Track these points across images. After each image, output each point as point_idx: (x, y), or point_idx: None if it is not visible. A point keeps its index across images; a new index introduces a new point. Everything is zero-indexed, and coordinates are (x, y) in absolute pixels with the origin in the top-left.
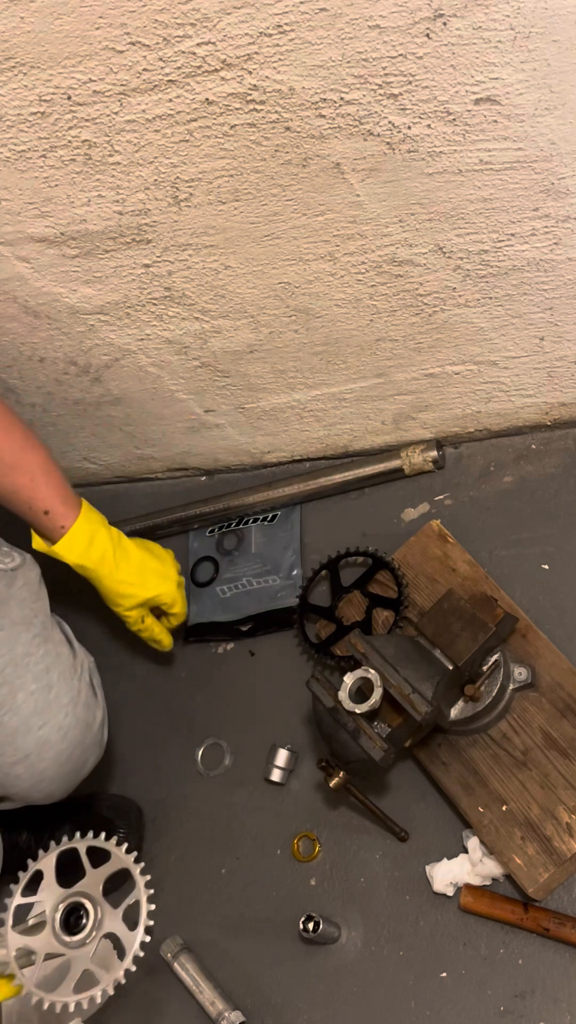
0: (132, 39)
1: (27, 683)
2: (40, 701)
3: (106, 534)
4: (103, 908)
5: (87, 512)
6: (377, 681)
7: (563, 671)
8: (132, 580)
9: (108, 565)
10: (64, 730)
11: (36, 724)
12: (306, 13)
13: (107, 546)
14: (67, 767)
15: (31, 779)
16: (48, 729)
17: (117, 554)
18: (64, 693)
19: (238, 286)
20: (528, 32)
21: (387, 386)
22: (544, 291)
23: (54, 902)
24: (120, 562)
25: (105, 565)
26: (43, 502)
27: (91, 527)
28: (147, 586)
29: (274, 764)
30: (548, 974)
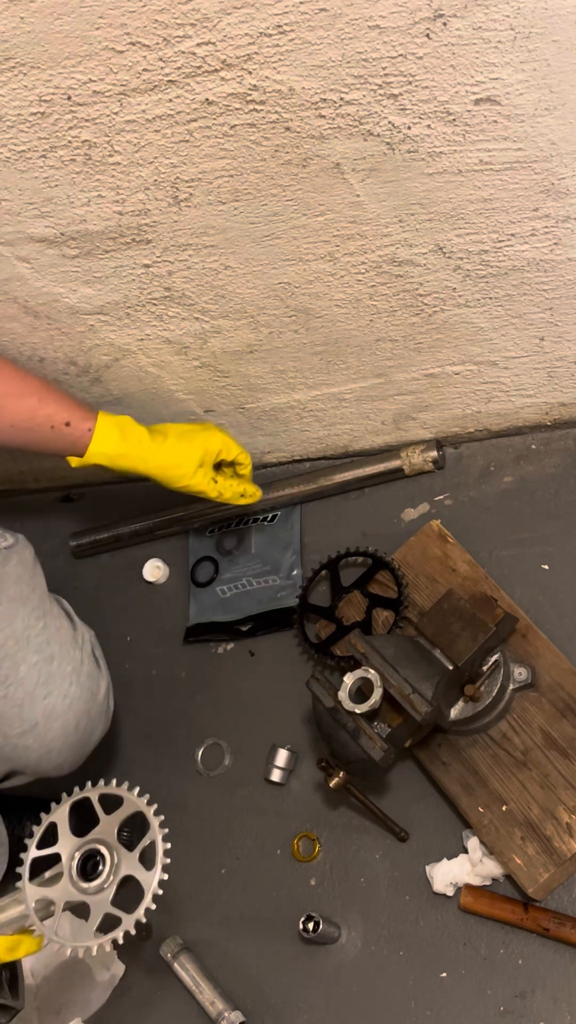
0: (132, 39)
1: (28, 655)
2: (43, 672)
3: (133, 420)
4: (119, 852)
5: (106, 413)
6: (377, 681)
7: (563, 671)
8: (176, 447)
9: (148, 445)
10: (70, 699)
11: (41, 694)
12: (306, 13)
13: (140, 429)
14: (75, 736)
15: (40, 749)
16: (53, 698)
17: (153, 434)
18: (66, 663)
19: (238, 286)
20: (528, 32)
21: (387, 386)
22: (544, 291)
23: (70, 851)
24: (158, 437)
25: (145, 446)
26: (61, 414)
27: (117, 419)
28: (194, 444)
29: (274, 764)
30: (548, 974)
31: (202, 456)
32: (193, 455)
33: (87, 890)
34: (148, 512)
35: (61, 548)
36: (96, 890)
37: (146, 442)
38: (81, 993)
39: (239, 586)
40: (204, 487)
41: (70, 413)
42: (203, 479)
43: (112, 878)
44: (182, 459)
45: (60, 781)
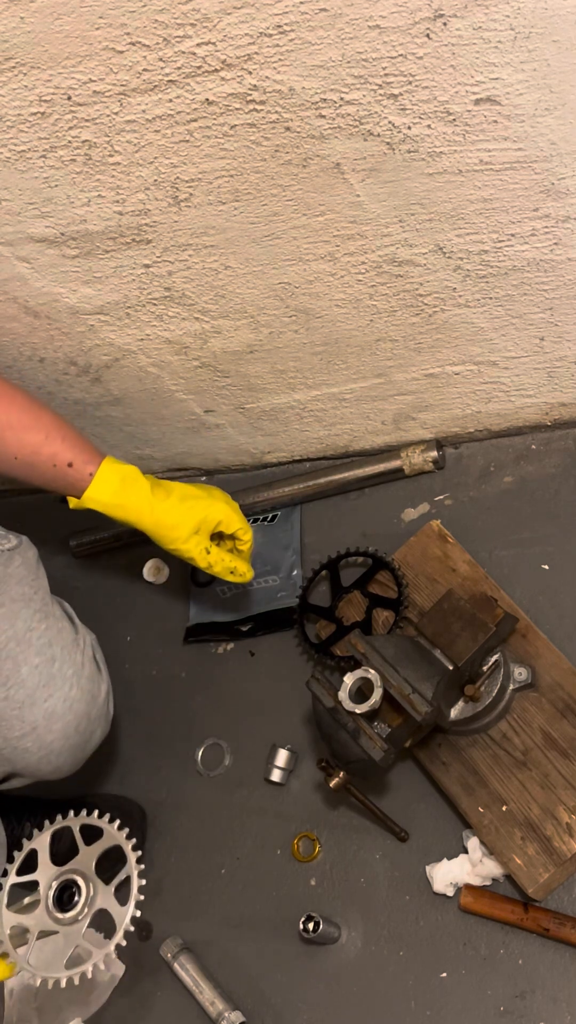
0: (132, 39)
1: (30, 657)
2: (44, 674)
3: (138, 472)
4: (95, 885)
5: (113, 459)
6: (377, 681)
7: (563, 671)
8: (176, 508)
9: (147, 499)
10: (70, 701)
11: (42, 696)
12: (306, 13)
13: (142, 481)
14: (74, 739)
15: (40, 752)
16: (54, 701)
17: (155, 489)
18: (68, 666)
19: (238, 286)
20: (528, 32)
21: (387, 386)
22: (544, 291)
23: (48, 880)
24: (160, 493)
25: (144, 500)
26: (65, 454)
27: (121, 467)
28: (195, 509)
29: (274, 764)
30: (548, 974)
31: (200, 523)
32: (191, 520)
33: (62, 920)
34: None
35: (61, 548)
36: (70, 921)
37: (145, 496)
38: (81, 993)
39: (239, 586)
40: (195, 555)
41: (75, 454)
42: (196, 547)
43: (87, 910)
44: (179, 520)
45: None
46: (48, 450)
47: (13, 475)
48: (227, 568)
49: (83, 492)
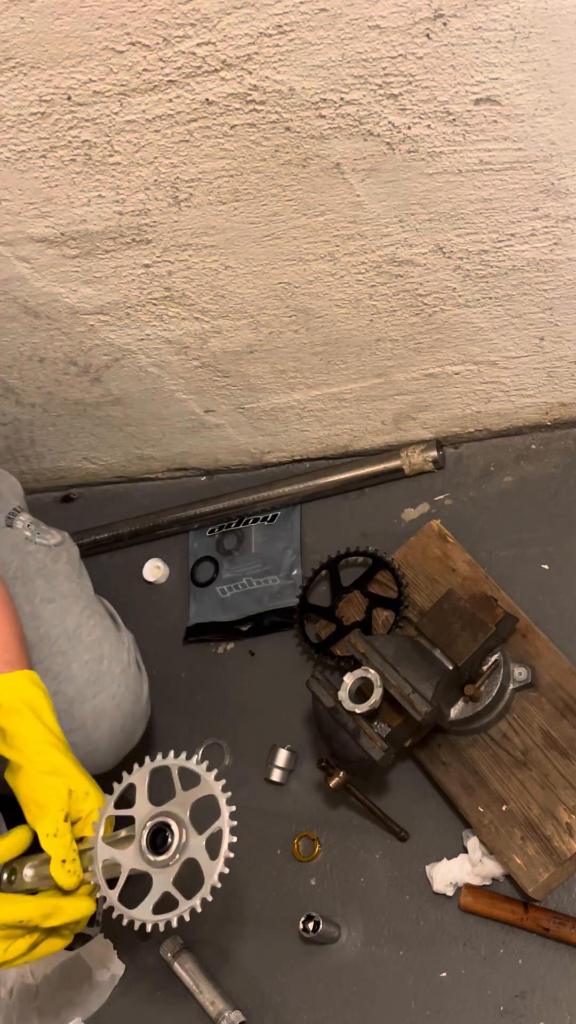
0: (132, 39)
1: (80, 653)
2: (94, 671)
3: (51, 712)
4: (188, 832)
5: (37, 680)
6: (377, 681)
7: (563, 671)
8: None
9: (39, 736)
10: (117, 700)
11: (91, 694)
12: (306, 13)
13: (45, 726)
14: (120, 737)
15: (86, 747)
16: (102, 698)
17: (52, 745)
18: (115, 664)
19: (238, 286)
20: (528, 32)
21: (387, 386)
22: (544, 291)
23: (143, 818)
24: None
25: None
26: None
27: (39, 693)
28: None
29: (274, 764)
30: (548, 974)
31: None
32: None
33: (154, 863)
34: (148, 512)
35: None
36: (162, 865)
37: (38, 734)
38: (81, 993)
39: (239, 586)
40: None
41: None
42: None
43: (179, 856)
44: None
45: None
46: None
47: None
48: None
49: None
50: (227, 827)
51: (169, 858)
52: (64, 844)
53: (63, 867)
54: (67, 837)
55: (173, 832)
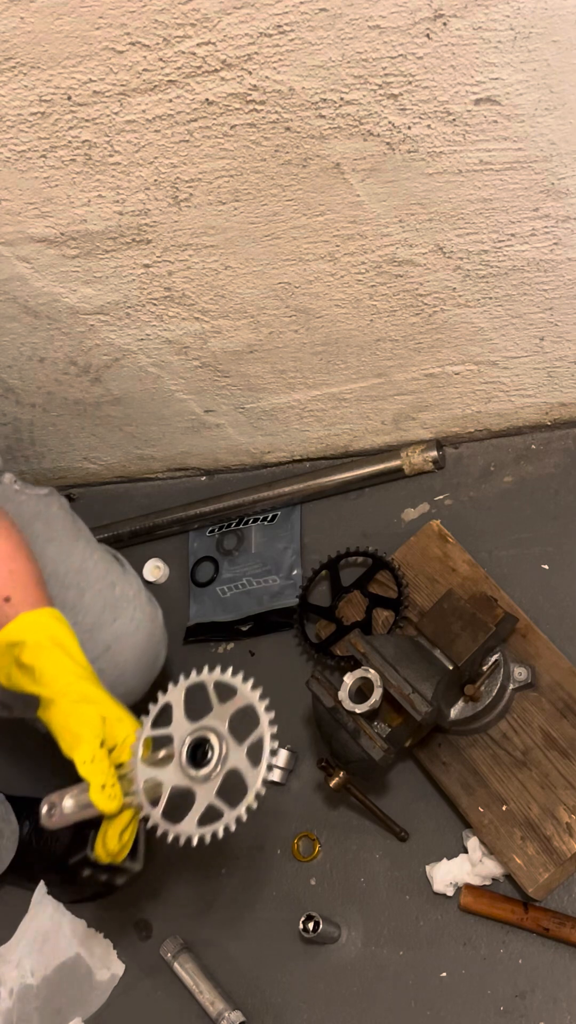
0: (132, 39)
1: (92, 583)
2: (107, 598)
3: (76, 643)
4: (228, 743)
5: (62, 618)
6: (377, 681)
7: (563, 671)
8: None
9: (69, 668)
10: (136, 622)
11: (109, 619)
12: (306, 13)
13: (74, 661)
14: (144, 659)
15: (114, 671)
16: (122, 622)
17: (82, 676)
18: (128, 589)
19: (238, 286)
20: (528, 32)
21: (387, 386)
22: (544, 291)
23: (182, 735)
24: (83, 682)
25: (62, 667)
26: (3, 587)
27: (64, 627)
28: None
29: (274, 764)
30: (548, 974)
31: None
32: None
33: (195, 777)
34: (148, 512)
35: None
36: (204, 778)
37: (66, 668)
38: (81, 993)
39: (239, 586)
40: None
41: (17, 591)
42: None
43: (220, 768)
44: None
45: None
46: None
47: None
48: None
49: (2, 627)
50: (268, 734)
51: (211, 771)
52: (102, 769)
53: (103, 792)
54: (104, 762)
55: (213, 745)
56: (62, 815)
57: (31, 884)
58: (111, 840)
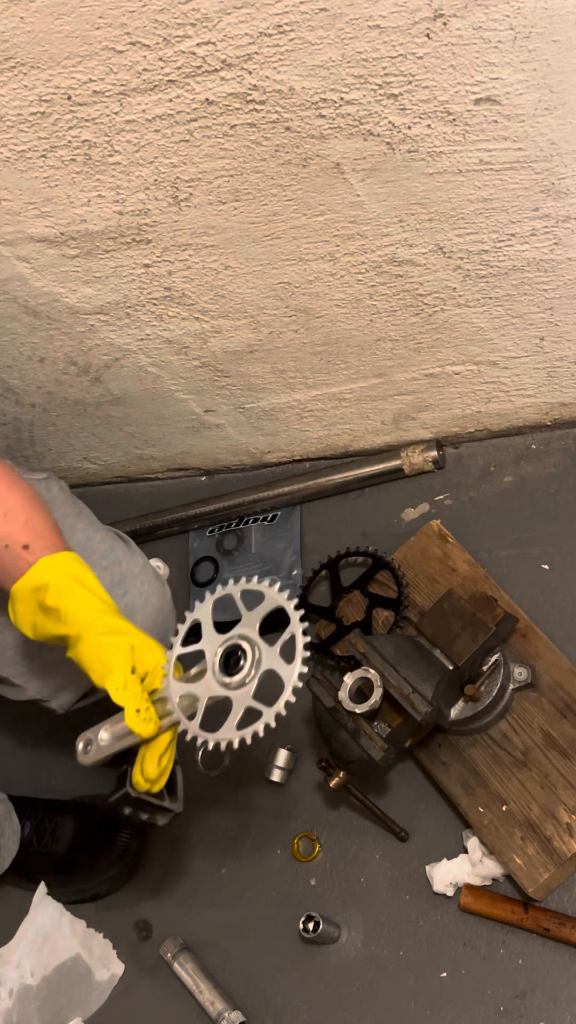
0: (132, 39)
1: (98, 561)
2: (115, 574)
3: (96, 580)
4: (260, 647)
5: (80, 560)
6: (377, 681)
7: (563, 671)
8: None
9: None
10: (145, 596)
11: (119, 594)
12: (306, 13)
13: (97, 597)
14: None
15: None
16: (131, 595)
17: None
18: (133, 565)
19: (238, 286)
20: (528, 32)
21: (387, 386)
22: (544, 291)
23: (213, 648)
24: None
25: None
26: (21, 536)
27: (82, 566)
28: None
29: (274, 764)
30: (548, 974)
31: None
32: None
33: (230, 685)
34: (148, 512)
35: None
36: (238, 684)
37: (91, 604)
38: (81, 993)
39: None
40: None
41: (35, 538)
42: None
43: (254, 672)
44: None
45: (60, 784)
46: (2, 530)
47: None
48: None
49: (23, 574)
50: (299, 630)
51: (246, 675)
52: (135, 694)
53: (138, 716)
54: (137, 687)
55: (245, 651)
56: (99, 748)
57: (31, 884)
58: (149, 765)
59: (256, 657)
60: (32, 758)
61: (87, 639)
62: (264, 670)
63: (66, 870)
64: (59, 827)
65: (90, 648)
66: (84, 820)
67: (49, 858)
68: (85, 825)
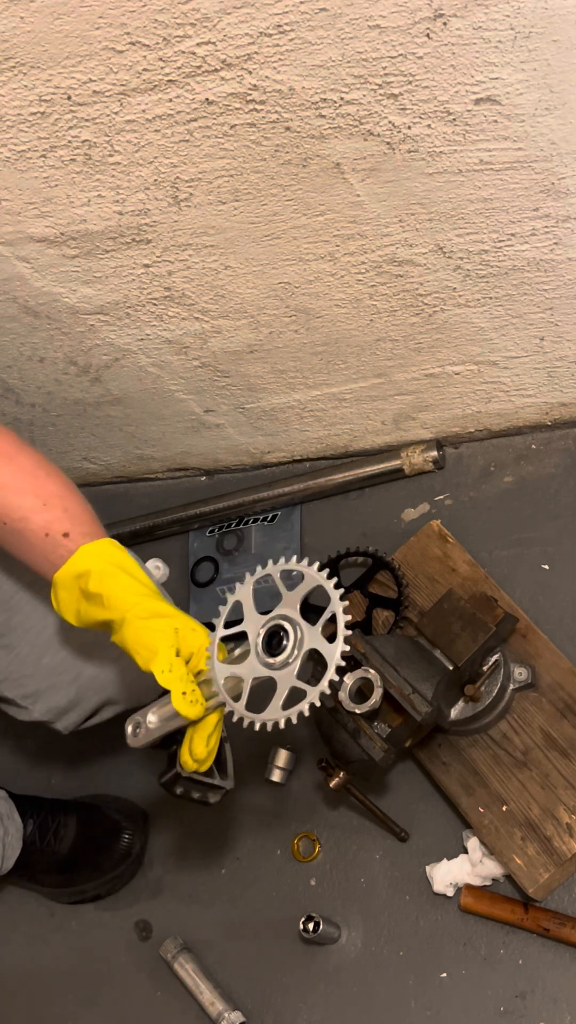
0: (132, 39)
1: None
2: None
3: (137, 564)
4: (302, 627)
5: (118, 544)
6: (377, 681)
7: (563, 671)
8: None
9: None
10: None
11: None
12: (306, 13)
13: (136, 579)
14: None
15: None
16: None
17: (147, 593)
18: None
19: (238, 286)
20: (528, 32)
21: (387, 386)
22: (544, 291)
23: (255, 628)
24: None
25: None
26: (62, 524)
27: (122, 551)
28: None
29: (274, 764)
30: (548, 974)
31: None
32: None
33: (274, 665)
34: (148, 512)
35: None
36: (282, 664)
37: (133, 588)
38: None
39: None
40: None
41: (73, 525)
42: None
43: (297, 652)
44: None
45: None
46: (42, 518)
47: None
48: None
49: (64, 561)
50: (340, 608)
51: (289, 655)
52: (180, 676)
53: (184, 699)
54: (182, 669)
55: (288, 631)
56: (147, 731)
57: (33, 884)
58: (198, 746)
59: (298, 637)
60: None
61: (131, 623)
62: (307, 649)
63: (69, 870)
64: (62, 827)
65: (135, 632)
66: (88, 820)
67: (52, 857)
68: (89, 825)
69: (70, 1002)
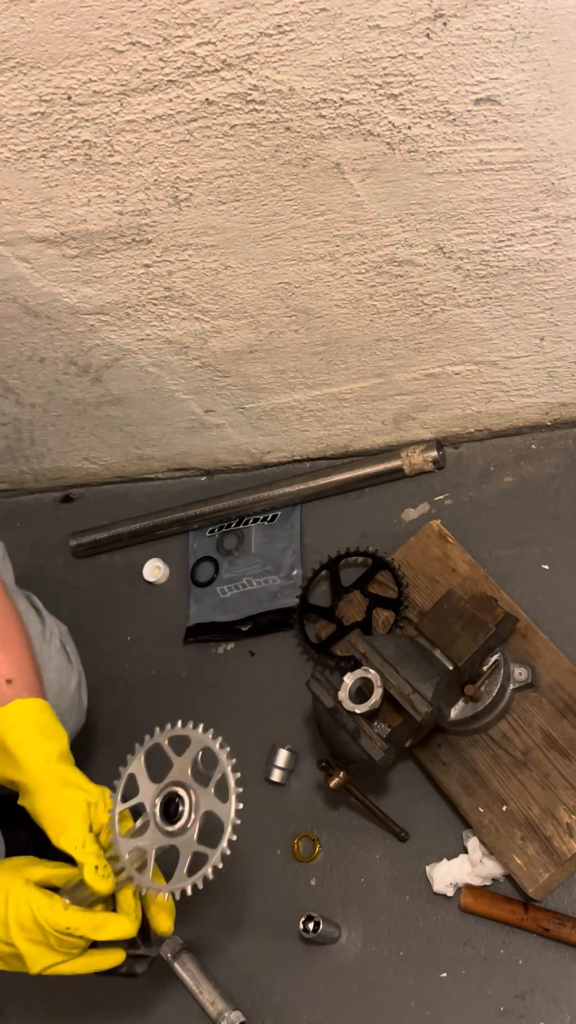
0: (132, 39)
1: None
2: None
3: (64, 735)
4: (196, 790)
5: (47, 706)
6: (377, 681)
7: (563, 671)
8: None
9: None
10: (49, 681)
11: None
12: (306, 13)
13: (58, 744)
14: (62, 713)
15: None
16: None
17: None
18: (48, 647)
19: (238, 286)
20: (528, 32)
21: (387, 386)
22: (544, 291)
23: (151, 798)
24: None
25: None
26: (3, 669)
27: (50, 718)
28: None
29: (274, 764)
30: (548, 974)
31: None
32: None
33: (174, 832)
34: (148, 512)
35: (61, 548)
36: (181, 831)
37: (46, 753)
38: None
39: (239, 586)
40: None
41: (16, 673)
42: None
43: (194, 816)
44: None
45: None
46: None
47: None
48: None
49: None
50: (228, 767)
51: (187, 822)
52: (93, 851)
53: (97, 873)
54: (94, 845)
55: (182, 797)
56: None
57: None
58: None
59: (193, 801)
60: None
61: (46, 792)
62: (203, 812)
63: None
64: None
65: (48, 802)
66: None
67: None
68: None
69: (70, 1002)
